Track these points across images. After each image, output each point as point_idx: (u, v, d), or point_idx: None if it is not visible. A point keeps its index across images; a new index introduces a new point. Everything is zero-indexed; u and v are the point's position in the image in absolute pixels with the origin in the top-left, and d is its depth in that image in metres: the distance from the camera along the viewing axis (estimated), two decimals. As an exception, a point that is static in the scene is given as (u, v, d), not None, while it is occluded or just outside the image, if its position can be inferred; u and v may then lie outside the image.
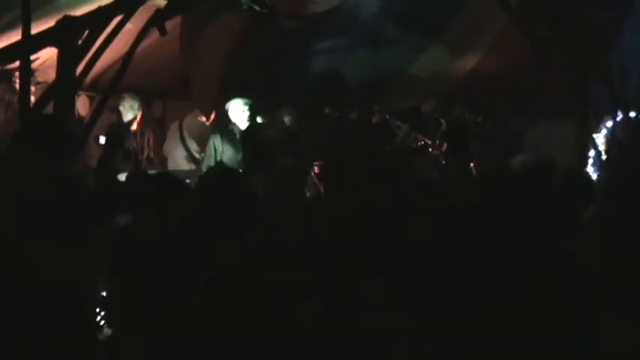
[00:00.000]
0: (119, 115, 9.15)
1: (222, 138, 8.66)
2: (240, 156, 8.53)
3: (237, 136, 8.68)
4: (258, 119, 8.88)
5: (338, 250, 3.40)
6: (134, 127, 9.08)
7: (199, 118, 9.90)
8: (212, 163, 8.50)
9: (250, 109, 8.65)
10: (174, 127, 10.46)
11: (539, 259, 3.52)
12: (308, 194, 8.80)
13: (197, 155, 9.70)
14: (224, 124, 8.82)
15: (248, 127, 8.69)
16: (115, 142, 6.76)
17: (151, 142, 9.32)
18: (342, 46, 11.07)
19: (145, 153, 9.18)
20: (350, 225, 3.50)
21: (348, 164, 8.54)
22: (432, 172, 9.31)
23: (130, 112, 9.09)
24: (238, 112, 8.66)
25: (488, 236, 3.68)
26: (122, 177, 8.25)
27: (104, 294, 4.18)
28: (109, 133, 6.79)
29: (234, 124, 8.75)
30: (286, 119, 9.69)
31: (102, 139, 6.41)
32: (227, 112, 8.75)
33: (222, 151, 8.60)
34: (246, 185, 4.10)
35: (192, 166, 9.67)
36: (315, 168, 8.99)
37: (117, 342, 3.65)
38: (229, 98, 8.73)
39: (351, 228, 3.48)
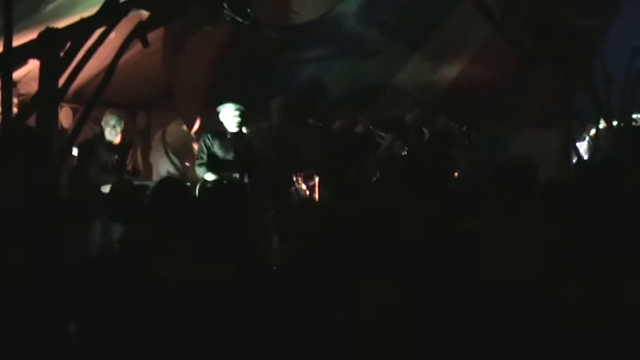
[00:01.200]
0: (102, 127, 9.13)
1: (212, 137, 8.81)
2: (229, 155, 8.63)
3: (228, 136, 8.75)
4: (244, 129, 8.91)
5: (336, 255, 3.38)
6: (117, 140, 9.04)
7: (182, 127, 9.90)
8: (204, 162, 8.72)
9: (241, 115, 8.71)
10: (158, 137, 10.46)
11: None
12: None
13: (180, 166, 9.70)
14: (215, 126, 8.87)
15: (238, 131, 8.75)
16: (86, 153, 6.77)
17: (138, 154, 9.31)
18: (326, 56, 11.11)
19: (130, 165, 9.15)
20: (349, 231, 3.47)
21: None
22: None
23: (111, 130, 9.06)
24: (229, 116, 8.73)
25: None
26: (105, 189, 8.31)
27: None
28: (81, 145, 6.78)
29: (224, 126, 8.80)
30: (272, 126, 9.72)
31: (75, 151, 6.38)
32: (218, 115, 8.80)
33: (213, 149, 8.70)
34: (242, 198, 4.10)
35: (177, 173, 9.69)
36: (300, 178, 9.03)
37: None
38: (220, 103, 8.77)
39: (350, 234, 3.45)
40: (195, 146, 9.52)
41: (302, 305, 3.31)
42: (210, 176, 8.60)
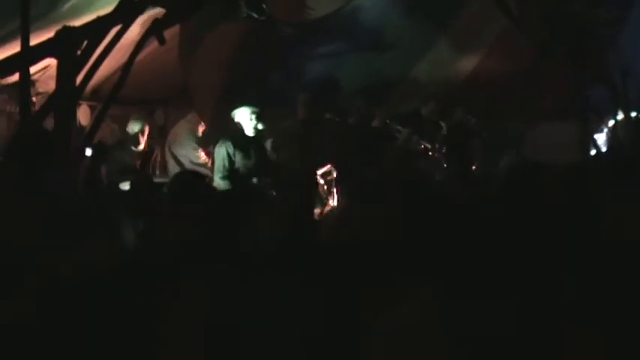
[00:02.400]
0: (121, 125, 9.19)
1: (234, 146, 8.49)
2: (250, 162, 8.53)
3: (245, 141, 8.66)
4: (259, 126, 8.86)
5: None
6: (141, 146, 9.10)
7: (188, 127, 9.89)
8: (226, 175, 8.42)
9: (257, 118, 8.61)
10: (171, 136, 10.50)
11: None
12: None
13: (184, 160, 9.66)
14: (233, 132, 8.75)
15: (256, 135, 8.67)
16: (100, 154, 6.79)
17: (157, 160, 9.37)
18: (342, 50, 11.09)
19: (151, 168, 9.21)
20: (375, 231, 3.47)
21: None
22: (434, 175, 9.34)
23: (131, 133, 9.14)
24: (245, 120, 8.63)
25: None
26: (125, 186, 8.37)
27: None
28: (95, 145, 6.80)
29: (242, 130, 8.70)
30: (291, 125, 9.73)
31: (88, 152, 6.40)
32: (234, 119, 8.71)
33: (236, 159, 8.52)
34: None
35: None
36: (321, 179, 9.01)
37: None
38: (236, 106, 8.70)
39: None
40: (202, 154, 9.46)
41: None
42: None
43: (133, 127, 9.05)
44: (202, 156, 9.61)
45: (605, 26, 10.50)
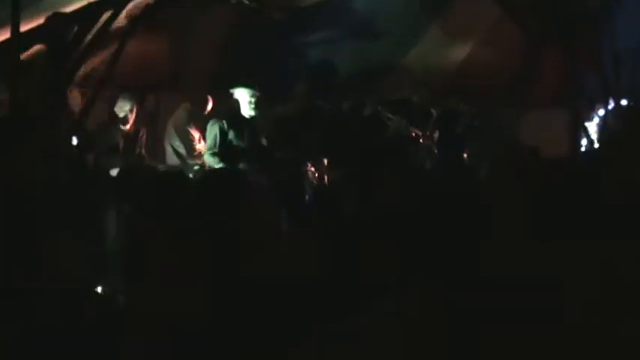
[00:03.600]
0: (111, 105, 9.11)
1: (228, 124, 8.54)
2: (242, 143, 8.54)
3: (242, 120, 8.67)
4: (254, 111, 8.85)
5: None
6: (127, 126, 9.07)
7: (187, 112, 9.84)
8: (216, 152, 8.48)
9: (256, 100, 8.63)
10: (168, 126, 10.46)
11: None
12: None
13: (181, 150, 9.63)
14: (228, 110, 8.74)
15: (250, 118, 8.68)
16: (84, 142, 6.79)
17: (144, 139, 9.31)
18: (333, 38, 11.10)
19: (138, 150, 9.18)
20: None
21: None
22: (425, 161, 9.38)
23: (121, 112, 9.08)
24: (244, 101, 8.64)
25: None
26: (114, 172, 8.36)
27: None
28: (79, 134, 6.80)
29: (238, 110, 8.69)
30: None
31: (74, 140, 6.39)
32: (232, 97, 8.71)
33: (230, 137, 8.53)
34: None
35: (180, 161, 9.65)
36: (312, 167, 9.02)
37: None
38: (235, 85, 8.69)
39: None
40: (194, 132, 9.43)
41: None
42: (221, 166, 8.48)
43: (123, 107, 9.00)
44: (197, 147, 9.56)
45: (597, 13, 10.51)
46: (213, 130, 8.56)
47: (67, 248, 4.39)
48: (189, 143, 9.39)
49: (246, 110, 8.63)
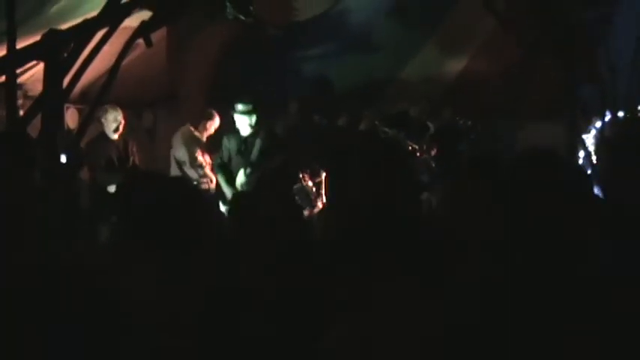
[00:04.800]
0: (101, 125, 9.07)
1: (229, 137, 8.79)
2: (244, 160, 8.63)
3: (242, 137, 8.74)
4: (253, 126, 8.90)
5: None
6: (116, 137, 9.04)
7: (187, 126, 9.88)
8: (219, 162, 8.83)
9: (255, 115, 8.67)
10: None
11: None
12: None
13: (184, 159, 9.66)
14: (232, 128, 8.82)
15: (251, 133, 8.72)
16: (74, 158, 6.74)
17: (135, 151, 9.28)
18: (330, 52, 11.14)
19: (131, 160, 9.16)
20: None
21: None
22: (423, 176, 9.35)
23: (114, 123, 9.04)
24: (243, 117, 8.68)
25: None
26: (111, 189, 8.35)
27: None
28: (68, 150, 6.76)
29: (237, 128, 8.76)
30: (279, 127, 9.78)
31: (63, 158, 6.33)
32: (232, 115, 8.75)
33: (231, 153, 8.72)
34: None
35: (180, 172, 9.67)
36: (306, 175, 9.03)
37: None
38: (235, 102, 8.73)
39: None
40: (199, 156, 9.51)
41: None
42: (221, 178, 8.69)
43: (117, 116, 8.98)
44: (200, 159, 9.59)
45: (592, 25, 10.53)
46: (222, 144, 8.88)
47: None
48: (193, 153, 9.44)
49: (245, 126, 8.66)
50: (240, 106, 8.65)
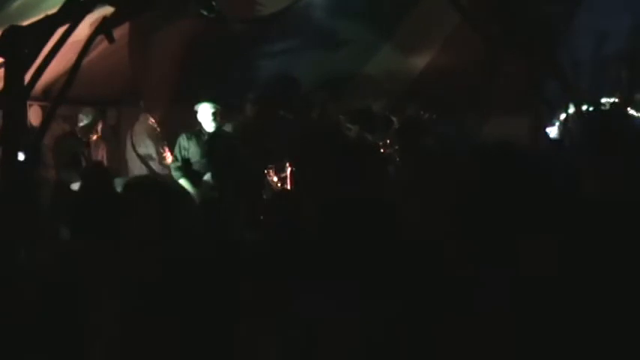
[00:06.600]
0: (72, 125, 9.05)
1: (188, 139, 8.69)
2: (204, 158, 8.58)
3: (205, 138, 8.68)
4: (224, 128, 8.90)
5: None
6: (94, 138, 9.02)
7: (149, 122, 9.84)
8: (179, 166, 8.64)
9: (218, 113, 8.63)
10: (128, 135, 10.43)
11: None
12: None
13: (151, 152, 9.62)
14: (193, 126, 8.78)
15: (215, 131, 8.68)
16: (32, 156, 6.70)
17: (105, 152, 9.26)
18: (295, 47, 11.14)
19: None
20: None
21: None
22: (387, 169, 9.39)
23: (86, 119, 9.01)
24: (206, 115, 8.64)
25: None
26: (75, 186, 8.31)
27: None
28: (26, 148, 6.73)
29: (201, 125, 8.71)
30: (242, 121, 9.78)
31: (20, 156, 6.29)
32: (196, 114, 8.70)
33: (189, 151, 8.62)
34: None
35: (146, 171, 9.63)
36: (271, 170, 9.04)
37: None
38: (198, 101, 8.69)
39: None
40: (167, 154, 9.47)
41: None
42: (184, 182, 8.54)
43: (86, 113, 8.95)
44: (167, 156, 9.56)
45: (555, 20, 10.61)
46: (176, 144, 8.71)
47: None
48: (159, 149, 9.40)
49: (208, 124, 8.62)
50: (203, 105, 8.63)
